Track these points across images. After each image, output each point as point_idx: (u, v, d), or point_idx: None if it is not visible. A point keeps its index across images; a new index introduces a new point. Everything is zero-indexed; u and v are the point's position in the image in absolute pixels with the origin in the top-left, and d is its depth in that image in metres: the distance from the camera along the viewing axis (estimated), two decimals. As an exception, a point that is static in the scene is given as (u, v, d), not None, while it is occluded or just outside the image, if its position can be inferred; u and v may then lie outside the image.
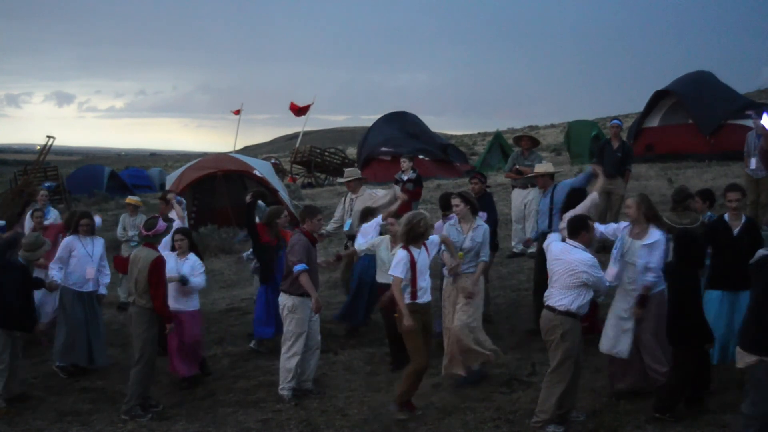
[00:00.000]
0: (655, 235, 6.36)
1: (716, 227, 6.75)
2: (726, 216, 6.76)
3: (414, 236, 6.41)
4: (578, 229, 6.04)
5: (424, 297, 6.49)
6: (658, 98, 20.92)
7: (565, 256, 5.97)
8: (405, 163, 10.94)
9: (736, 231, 6.67)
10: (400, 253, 6.43)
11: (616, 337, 6.45)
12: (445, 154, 24.29)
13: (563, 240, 6.23)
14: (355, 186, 9.54)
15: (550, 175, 8.76)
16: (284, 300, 7.22)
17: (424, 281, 6.46)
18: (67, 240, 8.40)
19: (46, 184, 19.18)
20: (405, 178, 10.77)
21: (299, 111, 29.75)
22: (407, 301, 6.36)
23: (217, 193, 15.84)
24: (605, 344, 6.55)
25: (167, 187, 16.70)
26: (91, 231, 8.46)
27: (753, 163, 10.52)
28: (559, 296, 5.97)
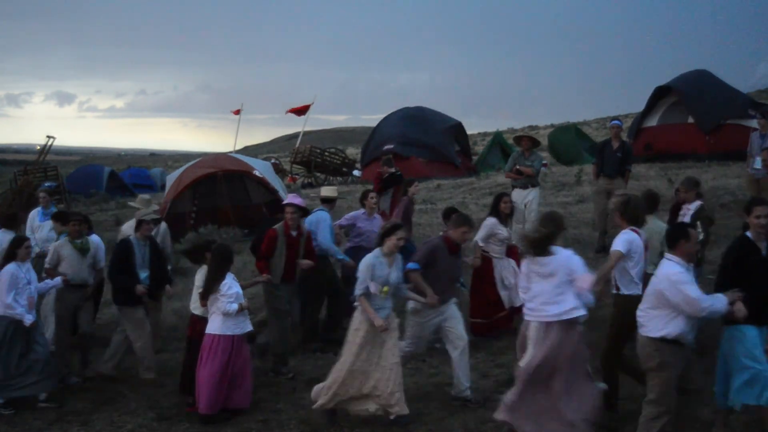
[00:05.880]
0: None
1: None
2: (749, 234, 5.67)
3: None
4: (676, 239, 5.44)
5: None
6: (659, 95, 20.90)
7: (657, 271, 5.47)
8: (382, 168, 12.00)
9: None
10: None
11: None
12: (452, 143, 24.15)
13: None
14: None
15: (330, 200, 9.11)
16: (410, 304, 6.99)
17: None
18: None
19: (46, 184, 19.18)
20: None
21: (299, 112, 29.76)
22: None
23: (217, 193, 15.83)
24: None
25: (167, 187, 16.70)
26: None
27: (758, 162, 10.53)
28: (651, 318, 5.43)
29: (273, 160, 26.46)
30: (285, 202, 8.35)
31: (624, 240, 6.06)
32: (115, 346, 8.11)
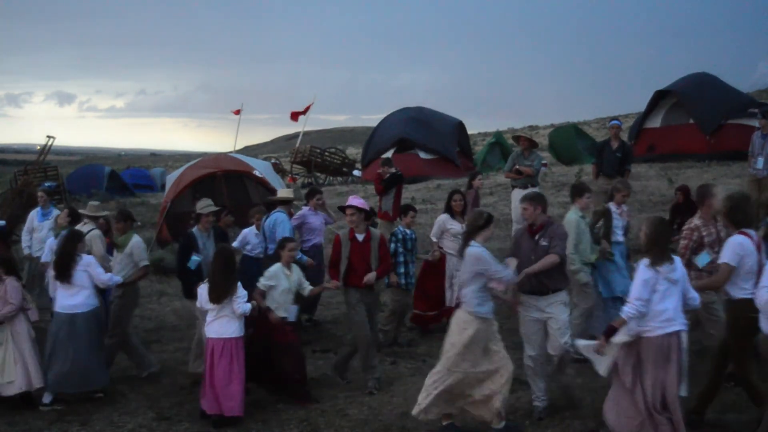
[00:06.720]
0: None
1: None
2: None
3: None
4: None
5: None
6: (658, 98, 20.94)
7: None
8: (382, 169, 11.85)
9: None
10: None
11: None
12: (454, 143, 24.12)
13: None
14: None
15: (287, 201, 9.35)
16: None
17: None
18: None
19: (46, 184, 19.16)
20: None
21: (299, 114, 29.80)
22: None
23: (217, 193, 15.82)
24: None
25: (167, 188, 16.69)
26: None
27: (759, 162, 10.54)
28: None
29: (273, 160, 26.47)
30: (346, 204, 7.83)
31: (733, 251, 5.68)
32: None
